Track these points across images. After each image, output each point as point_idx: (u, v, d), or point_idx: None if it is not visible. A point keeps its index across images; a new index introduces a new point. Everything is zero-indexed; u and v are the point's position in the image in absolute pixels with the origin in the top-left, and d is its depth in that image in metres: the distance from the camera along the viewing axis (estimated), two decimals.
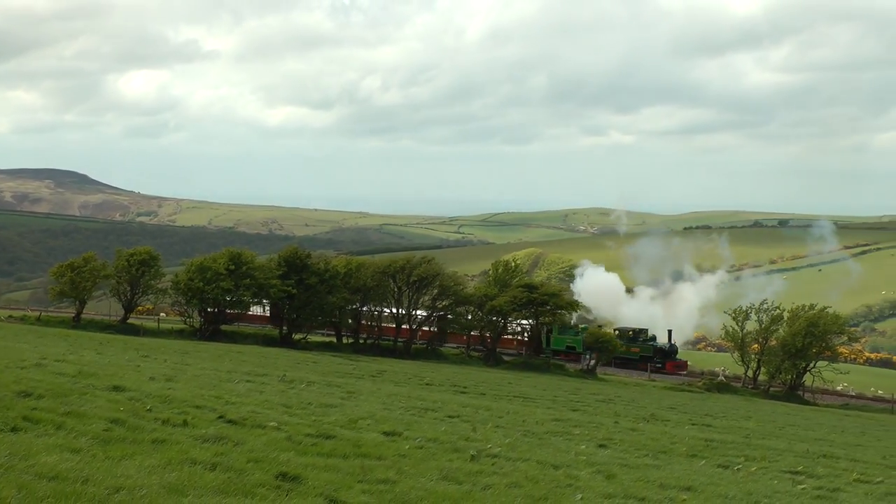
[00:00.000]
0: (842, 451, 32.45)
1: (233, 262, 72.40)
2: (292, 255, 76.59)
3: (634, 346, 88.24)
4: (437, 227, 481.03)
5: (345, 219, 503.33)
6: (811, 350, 76.22)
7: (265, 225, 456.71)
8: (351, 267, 78.66)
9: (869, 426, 52.54)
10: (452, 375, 55.85)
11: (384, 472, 14.78)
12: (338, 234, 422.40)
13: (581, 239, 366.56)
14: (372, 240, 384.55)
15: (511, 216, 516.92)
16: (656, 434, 30.36)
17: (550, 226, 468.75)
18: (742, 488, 18.69)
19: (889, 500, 20.69)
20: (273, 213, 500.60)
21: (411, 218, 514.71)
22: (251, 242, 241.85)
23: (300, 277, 74.19)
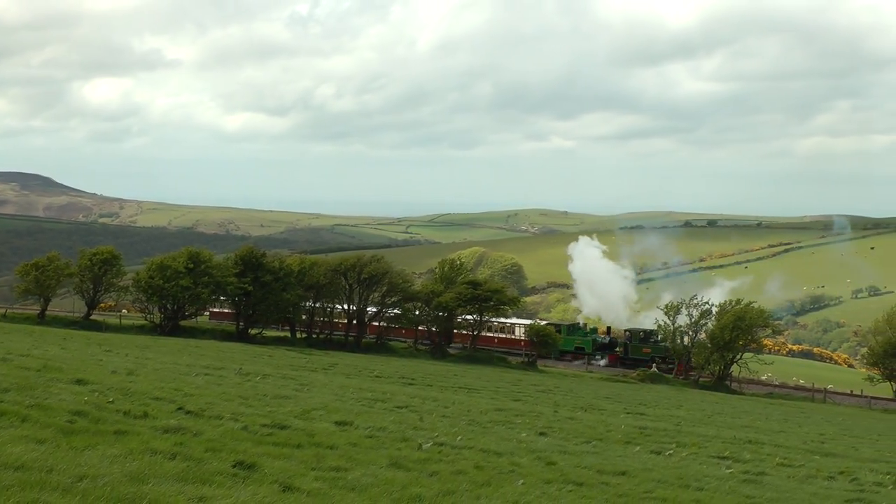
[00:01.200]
0: (766, 437, 32.72)
1: (191, 261, 72.16)
2: (248, 255, 76.48)
3: (646, 347, 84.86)
4: (386, 227, 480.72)
5: (299, 219, 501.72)
6: (738, 342, 76.77)
7: (222, 225, 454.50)
8: (304, 265, 78.75)
9: (791, 414, 52.99)
10: (401, 368, 55.83)
11: (336, 459, 14.74)
12: (292, 234, 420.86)
13: (523, 239, 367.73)
14: (325, 239, 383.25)
15: (457, 217, 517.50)
16: (593, 422, 30.49)
17: (494, 226, 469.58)
18: (674, 473, 18.78)
19: (810, 482, 20.86)
20: (230, 215, 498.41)
21: (362, 219, 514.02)
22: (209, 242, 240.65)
23: (256, 275, 74.08)
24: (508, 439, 21.52)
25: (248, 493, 11.20)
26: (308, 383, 33.23)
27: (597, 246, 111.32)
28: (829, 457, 27.63)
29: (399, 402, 29.24)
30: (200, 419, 17.31)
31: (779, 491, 18.23)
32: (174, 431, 15.23)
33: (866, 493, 19.64)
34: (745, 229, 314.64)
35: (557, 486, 15.10)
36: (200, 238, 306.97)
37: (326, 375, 41.54)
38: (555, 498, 13.85)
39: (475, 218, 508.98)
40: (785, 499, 17.00)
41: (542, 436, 23.84)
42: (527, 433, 23.89)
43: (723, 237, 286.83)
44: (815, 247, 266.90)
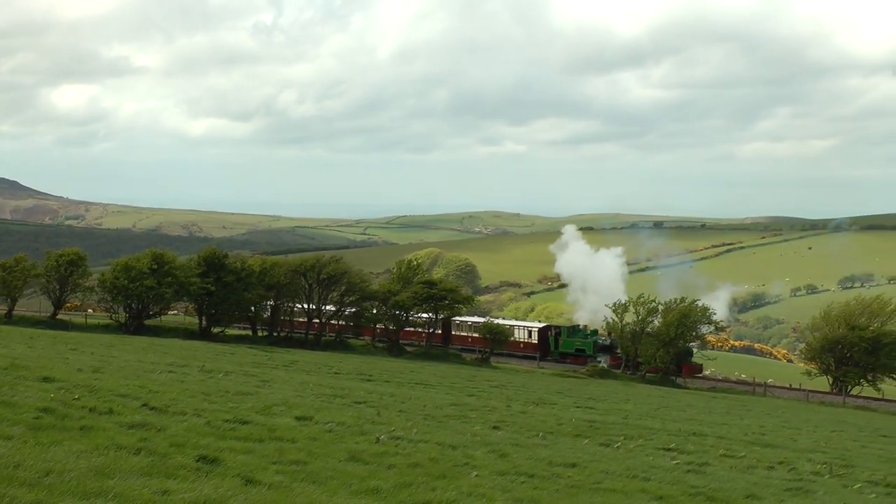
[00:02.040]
0: (709, 429, 32.92)
1: (155, 262, 71.71)
2: (211, 255, 76.08)
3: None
4: (344, 228, 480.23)
5: (260, 222, 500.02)
6: (683, 339, 77.24)
7: (186, 227, 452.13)
8: (265, 266, 78.63)
9: (733, 407, 53.31)
10: (359, 365, 55.75)
11: (296, 453, 14.71)
12: (253, 235, 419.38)
13: (477, 240, 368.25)
14: (285, 241, 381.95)
15: (413, 219, 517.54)
16: (544, 416, 30.56)
17: (449, 228, 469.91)
18: (622, 464, 18.87)
19: (751, 472, 21.02)
20: (193, 217, 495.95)
21: (321, 221, 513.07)
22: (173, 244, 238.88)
23: (218, 276, 73.71)
24: (463, 433, 21.53)
25: (211, 487, 11.16)
26: (269, 380, 33.11)
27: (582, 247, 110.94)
28: (769, 448, 27.84)
29: (357, 397, 29.21)
30: (164, 415, 17.23)
31: (721, 480, 18.36)
32: (139, 427, 15.15)
33: (804, 482, 19.82)
34: (689, 230, 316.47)
35: (510, 478, 15.13)
36: (164, 240, 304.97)
37: (287, 372, 41.41)
38: (508, 489, 13.88)
39: (431, 220, 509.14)
40: (727, 488, 17.11)
41: (495, 429, 23.87)
42: (481, 427, 23.92)
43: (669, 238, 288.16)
44: (756, 247, 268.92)
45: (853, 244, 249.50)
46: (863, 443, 35.89)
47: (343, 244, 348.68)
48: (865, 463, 26.19)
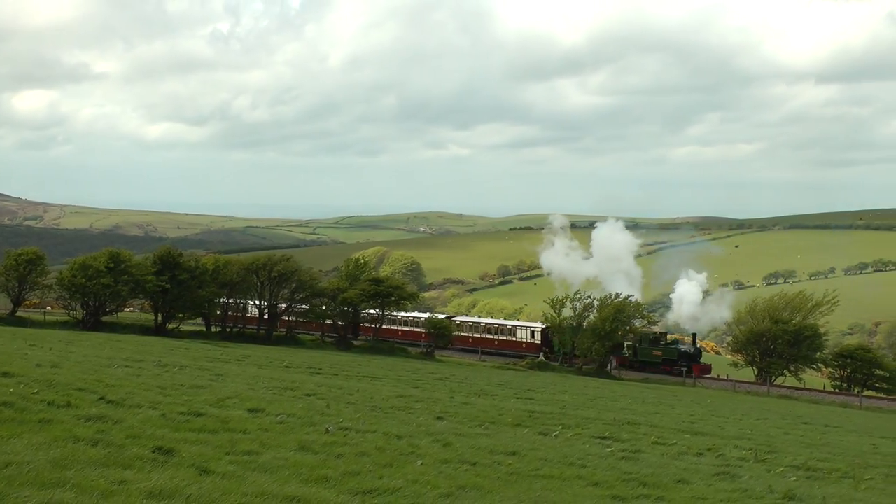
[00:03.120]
0: (642, 418, 33.12)
1: (112, 261, 71.24)
2: (166, 254, 75.70)
3: (656, 350, 79.89)
4: (295, 228, 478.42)
5: (213, 222, 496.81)
6: (618, 333, 77.68)
7: (142, 227, 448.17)
8: (219, 264, 78.38)
9: (665, 397, 53.67)
10: (309, 359, 55.57)
11: (249, 444, 14.65)
12: (207, 235, 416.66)
13: (421, 239, 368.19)
14: (237, 240, 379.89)
15: (360, 219, 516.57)
16: (486, 407, 30.61)
17: (395, 227, 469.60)
18: (559, 452, 18.94)
19: (681, 458, 21.18)
20: (149, 218, 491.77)
21: (273, 221, 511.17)
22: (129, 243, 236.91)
23: (173, 274, 73.37)
24: (408, 423, 21.53)
25: (167, 477, 11.09)
26: (222, 374, 32.93)
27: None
28: (699, 435, 28.06)
29: (307, 390, 29.11)
30: (121, 408, 17.09)
31: (653, 467, 18.48)
32: (96, 420, 15.02)
33: (731, 468, 20.00)
34: None
35: (453, 466, 15.15)
36: (121, 239, 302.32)
37: (240, 366, 41.19)
38: (451, 476, 13.90)
39: (378, 220, 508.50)
40: (659, 474, 17.23)
41: (439, 420, 23.88)
42: (425, 417, 23.92)
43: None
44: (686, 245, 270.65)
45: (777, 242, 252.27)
46: (785, 430, 36.27)
47: (293, 243, 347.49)
48: (788, 448, 26.48)
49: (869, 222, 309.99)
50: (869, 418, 54.01)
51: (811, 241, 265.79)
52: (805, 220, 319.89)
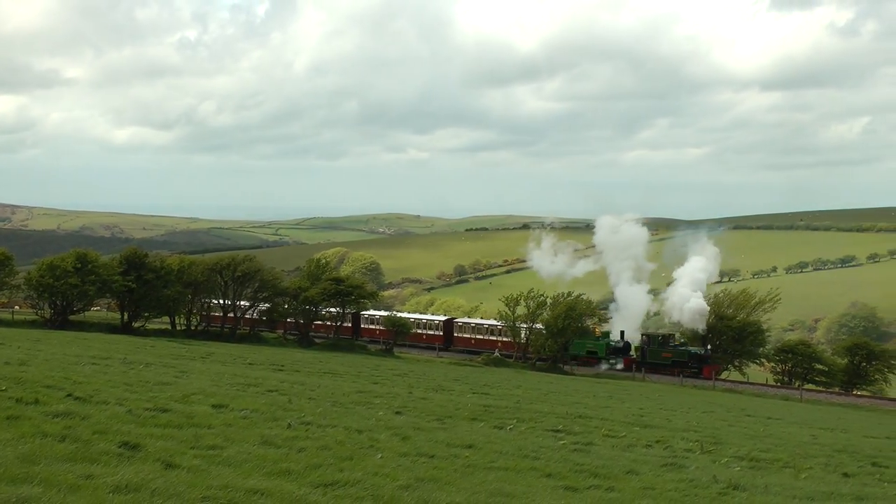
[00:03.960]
0: (594, 412, 33.25)
1: (79, 262, 70.77)
2: (132, 255, 75.29)
3: (665, 352, 77.21)
4: (258, 230, 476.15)
5: (178, 223, 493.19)
6: (570, 329, 77.94)
7: (108, 229, 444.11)
8: (184, 264, 78.12)
9: (615, 392, 53.89)
10: (272, 356, 55.37)
11: (213, 438, 14.58)
12: (172, 236, 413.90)
13: (381, 240, 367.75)
14: (202, 241, 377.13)
15: (322, 220, 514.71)
16: (443, 402, 30.61)
17: (355, 228, 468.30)
18: (514, 444, 18.98)
19: (631, 450, 21.28)
20: (115, 219, 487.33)
21: (236, 222, 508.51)
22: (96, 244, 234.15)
23: (139, 274, 72.96)
24: (368, 418, 21.49)
25: (133, 471, 11.01)
26: (187, 371, 32.74)
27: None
28: (647, 428, 28.19)
29: (270, 386, 29.00)
30: (88, 404, 16.95)
31: (604, 458, 18.55)
32: (63, 416, 14.90)
33: (678, 458, 20.12)
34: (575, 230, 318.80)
35: (412, 459, 15.14)
36: (88, 240, 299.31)
37: (204, 363, 40.97)
38: (410, 469, 13.89)
39: (338, 221, 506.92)
40: (610, 465, 17.30)
41: (398, 414, 23.85)
42: (384, 412, 23.89)
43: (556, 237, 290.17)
44: None
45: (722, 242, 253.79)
46: (730, 422, 36.54)
47: (256, 244, 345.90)
48: (732, 440, 26.67)
49: (809, 223, 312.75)
50: (809, 410, 54.53)
51: (754, 241, 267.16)
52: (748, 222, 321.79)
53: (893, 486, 19.45)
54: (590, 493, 13.92)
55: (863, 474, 21.10)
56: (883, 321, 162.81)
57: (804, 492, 16.43)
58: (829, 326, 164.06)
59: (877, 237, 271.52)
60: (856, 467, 22.35)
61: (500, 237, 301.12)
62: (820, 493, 16.53)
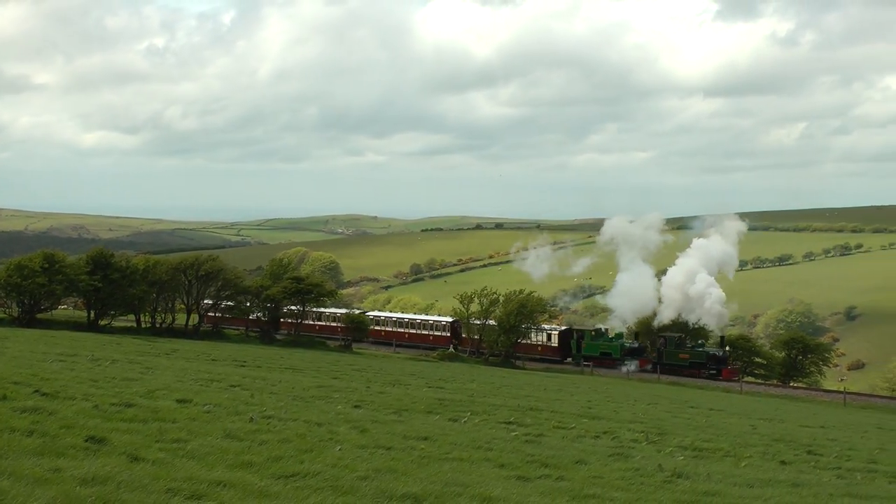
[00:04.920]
0: (544, 405, 33.37)
1: (46, 262, 70.15)
2: (98, 255, 74.75)
3: (683, 353, 73.50)
4: (221, 230, 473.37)
5: (143, 224, 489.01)
6: (522, 326, 78.10)
7: (75, 230, 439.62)
8: (149, 264, 77.55)
9: (565, 385, 54.11)
10: (234, 352, 55.13)
11: (177, 432, 14.49)
12: (137, 237, 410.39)
13: (339, 240, 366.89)
14: (166, 241, 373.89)
15: (283, 221, 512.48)
16: (400, 395, 30.62)
17: (315, 229, 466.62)
18: (468, 436, 19.01)
19: (580, 441, 21.38)
20: (82, 220, 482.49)
21: (200, 223, 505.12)
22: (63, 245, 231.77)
23: (105, 273, 72.42)
24: (328, 412, 21.45)
25: (99, 464, 10.93)
26: (152, 367, 32.54)
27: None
28: (596, 420, 28.34)
29: (232, 381, 28.89)
30: (55, 400, 16.79)
31: (555, 449, 18.62)
32: (31, 411, 14.75)
33: (625, 448, 20.25)
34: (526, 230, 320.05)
35: (370, 451, 15.13)
36: (55, 241, 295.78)
37: (169, 360, 40.72)
38: (368, 460, 13.88)
39: (299, 222, 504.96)
40: (559, 455, 17.36)
41: (356, 408, 23.83)
42: (343, 406, 23.85)
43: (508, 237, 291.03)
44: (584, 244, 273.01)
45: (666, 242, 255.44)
46: (674, 413, 36.80)
47: (220, 244, 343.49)
48: (676, 430, 26.87)
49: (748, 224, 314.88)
50: (749, 402, 55.02)
51: None
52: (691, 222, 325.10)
53: (827, 472, 19.70)
54: (541, 483, 13.96)
55: (799, 462, 21.36)
56: (818, 317, 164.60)
57: (744, 479, 16.58)
58: (767, 322, 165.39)
59: (812, 237, 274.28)
60: (792, 455, 22.62)
61: (454, 237, 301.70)
62: (759, 480, 16.69)
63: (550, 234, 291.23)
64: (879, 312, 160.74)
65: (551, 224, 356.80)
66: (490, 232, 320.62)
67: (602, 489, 13.70)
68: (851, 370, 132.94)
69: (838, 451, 24.61)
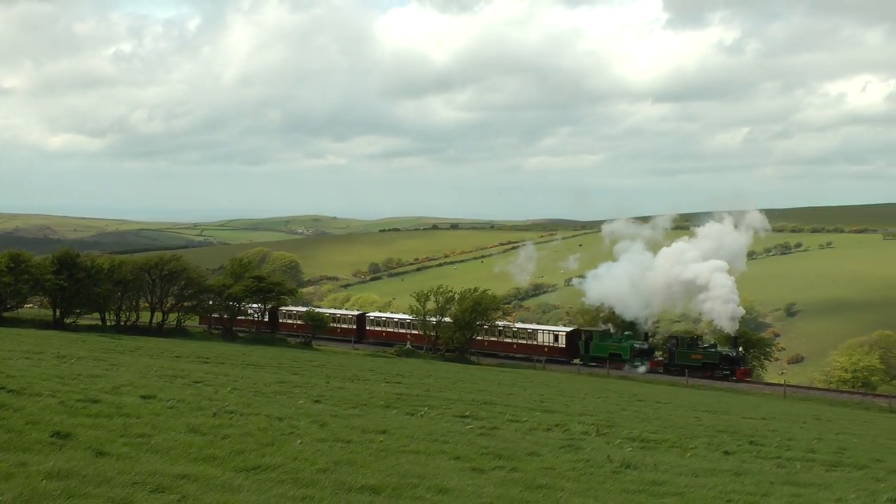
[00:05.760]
0: (498, 399, 33.43)
1: (12, 261, 69.70)
2: (64, 255, 74.33)
3: (695, 354, 70.79)
4: (184, 231, 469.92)
5: (108, 225, 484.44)
6: (476, 322, 78.25)
7: (41, 230, 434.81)
8: (114, 264, 77.26)
9: (518, 380, 54.24)
10: (197, 349, 54.81)
11: (141, 427, 14.37)
12: (102, 237, 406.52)
13: (300, 240, 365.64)
14: (130, 242, 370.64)
15: (244, 222, 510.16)
16: (359, 391, 30.55)
17: (276, 229, 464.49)
18: (425, 430, 19.01)
19: (533, 433, 21.45)
20: (48, 221, 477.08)
21: (163, 224, 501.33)
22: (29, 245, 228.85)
23: (71, 273, 72.00)
24: (288, 406, 21.37)
25: (65, 459, 10.82)
26: (117, 364, 32.25)
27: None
28: (548, 413, 28.43)
29: (195, 377, 28.70)
30: (21, 396, 16.59)
31: (508, 441, 18.67)
32: None
33: (575, 440, 20.33)
34: (481, 230, 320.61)
35: (329, 444, 15.09)
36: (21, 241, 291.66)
37: (133, 357, 40.38)
38: (327, 453, 13.85)
39: (260, 223, 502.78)
40: (513, 447, 17.41)
41: (316, 403, 23.76)
42: (304, 401, 23.77)
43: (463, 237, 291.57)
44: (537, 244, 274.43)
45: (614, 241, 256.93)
46: (623, 406, 37.00)
47: (183, 244, 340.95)
48: (625, 423, 27.01)
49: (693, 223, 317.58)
50: (694, 395, 55.46)
51: None
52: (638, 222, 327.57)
53: (769, 462, 19.91)
54: (495, 474, 14.00)
55: (741, 452, 21.55)
56: (759, 313, 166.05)
57: (689, 469, 16.72)
58: None
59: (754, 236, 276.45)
60: (735, 446, 22.82)
61: (411, 237, 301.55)
62: (703, 469, 16.83)
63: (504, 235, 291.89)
64: (817, 309, 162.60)
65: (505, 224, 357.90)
66: (446, 232, 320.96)
67: (554, 479, 13.75)
68: (791, 364, 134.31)
69: (779, 442, 24.86)
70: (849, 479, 17.78)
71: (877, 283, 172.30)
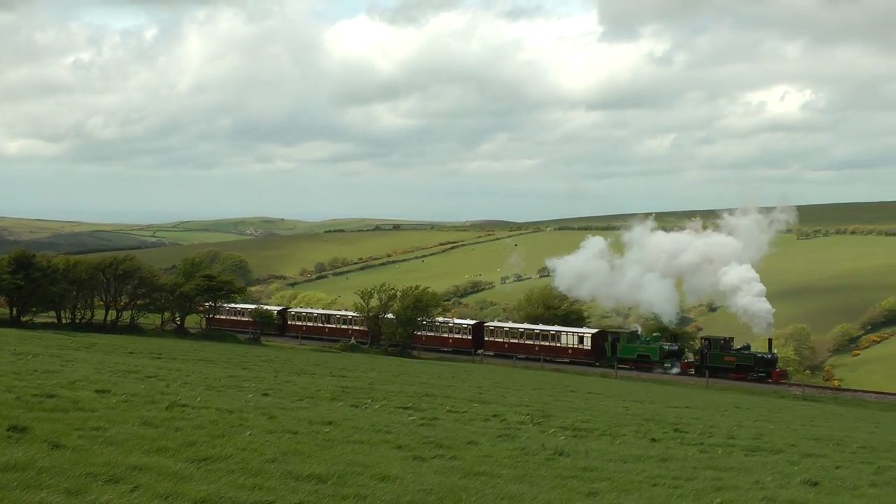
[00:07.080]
0: (438, 391, 33.47)
1: None
2: (21, 255, 73.37)
3: (728, 356, 66.77)
4: (137, 232, 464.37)
5: (63, 227, 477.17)
6: (417, 319, 78.31)
7: None
8: (69, 264, 76.50)
9: (457, 372, 54.38)
10: (150, 345, 54.22)
11: (97, 421, 14.21)
12: (58, 238, 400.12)
13: (248, 240, 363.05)
14: (85, 243, 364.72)
15: (196, 223, 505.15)
16: (306, 384, 30.44)
17: (225, 231, 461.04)
18: (369, 421, 18.98)
19: (471, 423, 21.49)
20: (4, 223, 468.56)
21: (117, 226, 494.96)
22: None
23: (27, 273, 71.06)
24: (238, 400, 21.24)
25: (22, 452, 10.67)
26: (72, 360, 31.82)
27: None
28: (486, 404, 28.51)
29: (149, 372, 28.43)
30: None
31: (448, 431, 18.71)
32: None
33: (512, 430, 20.42)
34: (421, 231, 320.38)
35: (278, 435, 15.03)
36: None
37: (88, 353, 39.87)
38: (276, 444, 13.80)
39: (210, 224, 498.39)
40: (452, 437, 17.45)
41: (265, 396, 23.63)
42: (253, 394, 23.64)
43: (404, 237, 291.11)
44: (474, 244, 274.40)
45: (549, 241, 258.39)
46: (556, 397, 37.25)
47: (136, 245, 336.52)
48: (558, 413, 27.18)
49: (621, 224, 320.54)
50: (623, 386, 56.01)
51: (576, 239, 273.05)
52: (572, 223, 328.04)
53: (692, 448, 20.15)
54: (435, 462, 14.02)
55: (667, 439, 21.79)
56: (683, 309, 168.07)
57: (619, 455, 16.87)
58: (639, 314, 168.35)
59: None
60: (661, 433, 23.06)
61: (356, 238, 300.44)
62: (632, 456, 17.00)
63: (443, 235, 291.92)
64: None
65: (444, 225, 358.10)
66: (388, 233, 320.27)
67: (491, 467, 13.81)
68: None
69: (701, 429, 25.17)
70: (766, 462, 18.05)
71: (795, 279, 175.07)
